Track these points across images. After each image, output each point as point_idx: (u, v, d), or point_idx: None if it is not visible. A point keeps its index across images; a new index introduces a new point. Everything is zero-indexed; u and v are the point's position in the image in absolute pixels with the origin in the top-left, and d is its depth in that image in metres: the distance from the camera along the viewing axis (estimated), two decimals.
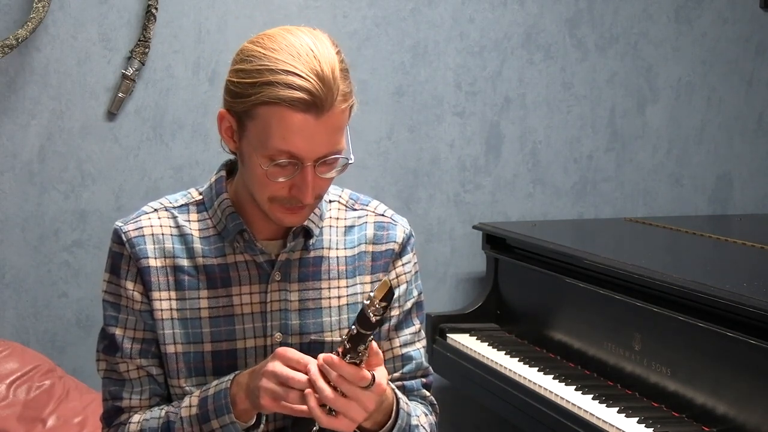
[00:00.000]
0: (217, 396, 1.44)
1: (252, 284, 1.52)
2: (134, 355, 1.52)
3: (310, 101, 1.35)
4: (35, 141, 2.77)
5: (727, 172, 3.58)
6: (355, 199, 1.63)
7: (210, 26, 2.88)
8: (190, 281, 1.51)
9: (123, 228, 1.53)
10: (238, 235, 1.51)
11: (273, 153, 1.38)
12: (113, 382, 1.54)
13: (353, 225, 1.59)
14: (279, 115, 1.36)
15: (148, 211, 1.55)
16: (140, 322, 1.52)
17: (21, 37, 2.61)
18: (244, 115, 1.40)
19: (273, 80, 1.35)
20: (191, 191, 1.59)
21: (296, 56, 1.36)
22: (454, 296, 3.26)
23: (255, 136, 1.40)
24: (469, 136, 3.23)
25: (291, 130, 1.36)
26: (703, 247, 2.77)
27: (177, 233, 1.53)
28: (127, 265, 1.52)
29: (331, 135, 1.39)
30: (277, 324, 1.51)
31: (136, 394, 1.52)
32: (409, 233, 1.63)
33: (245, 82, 1.38)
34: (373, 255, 1.58)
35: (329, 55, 1.39)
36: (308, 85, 1.35)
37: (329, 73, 1.36)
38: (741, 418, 1.99)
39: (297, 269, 1.53)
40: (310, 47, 1.38)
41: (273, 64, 1.36)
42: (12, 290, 2.79)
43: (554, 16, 3.27)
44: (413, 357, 1.60)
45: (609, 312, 2.39)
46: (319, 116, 1.36)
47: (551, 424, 2.29)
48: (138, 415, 1.51)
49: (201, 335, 1.50)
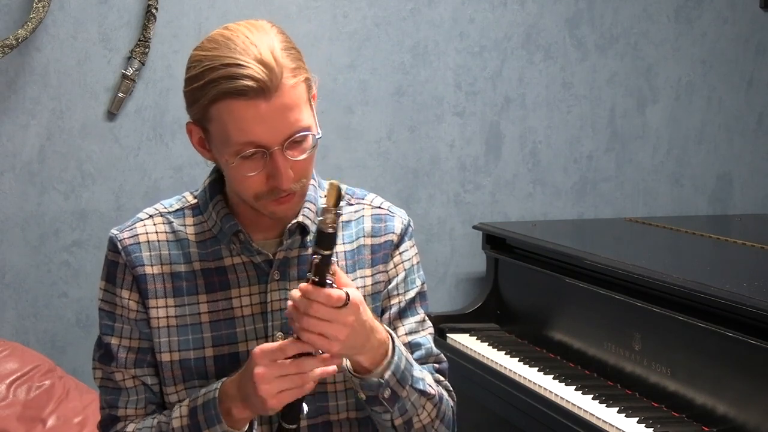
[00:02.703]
0: (206, 406, 1.43)
1: (251, 285, 1.51)
2: (129, 365, 1.51)
3: (255, 87, 1.35)
4: (35, 141, 2.77)
5: (727, 172, 3.58)
6: (351, 193, 1.62)
7: (210, 26, 2.87)
8: (189, 287, 1.51)
9: (118, 236, 1.53)
10: (234, 236, 1.50)
11: (237, 147, 1.39)
12: (109, 390, 1.53)
13: (350, 219, 1.59)
14: (229, 108, 1.37)
15: (143, 218, 1.55)
16: (135, 331, 1.51)
17: (21, 37, 2.61)
18: (203, 120, 1.42)
19: (216, 77, 1.37)
20: (186, 195, 1.58)
21: (233, 49, 1.38)
22: (454, 296, 3.26)
23: (217, 137, 1.41)
24: (469, 136, 3.23)
25: (245, 120, 1.37)
26: (703, 247, 2.77)
27: (173, 239, 1.53)
28: (123, 274, 1.51)
29: (287, 114, 1.38)
30: (278, 323, 1.51)
31: (131, 403, 1.52)
32: (407, 223, 1.62)
33: (194, 88, 1.40)
34: (372, 248, 1.58)
35: (267, 39, 1.40)
36: (249, 71, 1.35)
37: (269, 55, 1.37)
38: (741, 418, 1.99)
39: (296, 267, 1.53)
40: (246, 35, 1.40)
41: (213, 62, 1.38)
42: (12, 290, 2.79)
43: (554, 16, 3.27)
44: (421, 343, 1.59)
45: (609, 312, 2.39)
46: (269, 98, 1.36)
47: (551, 424, 2.29)
48: (133, 424, 1.51)
49: (202, 340, 1.50)
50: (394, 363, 1.45)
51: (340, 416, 1.54)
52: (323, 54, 3.00)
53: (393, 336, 1.47)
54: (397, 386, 1.46)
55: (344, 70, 3.05)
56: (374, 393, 1.45)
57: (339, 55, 3.04)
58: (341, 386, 1.54)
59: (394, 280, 1.58)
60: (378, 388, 1.44)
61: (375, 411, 1.49)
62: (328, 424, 1.53)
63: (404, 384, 1.47)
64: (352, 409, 1.55)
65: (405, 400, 1.48)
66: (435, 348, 1.62)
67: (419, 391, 1.50)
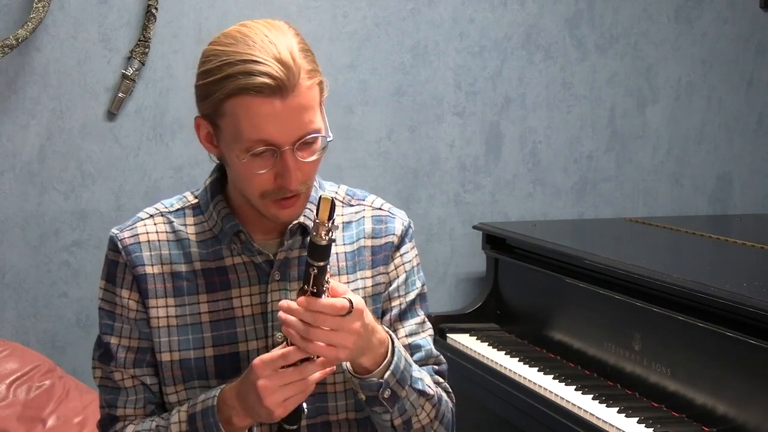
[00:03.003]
0: (205, 414, 1.43)
1: (252, 285, 1.51)
2: (128, 364, 1.51)
3: (273, 85, 1.35)
4: (35, 141, 2.77)
5: (727, 172, 3.58)
6: (352, 195, 1.62)
7: (210, 26, 2.88)
8: (189, 286, 1.51)
9: (119, 235, 1.53)
10: (234, 236, 1.50)
11: (248, 144, 1.38)
12: (109, 390, 1.53)
13: (351, 221, 1.59)
14: (245, 104, 1.36)
15: (144, 218, 1.55)
16: (135, 331, 1.51)
17: (21, 37, 2.61)
18: (215, 115, 1.41)
19: (233, 72, 1.36)
20: (187, 195, 1.58)
21: (252, 45, 1.37)
22: (454, 296, 3.26)
23: (229, 133, 1.40)
24: (469, 136, 3.23)
25: (260, 117, 1.36)
26: (703, 247, 2.77)
27: (174, 238, 1.53)
28: (123, 273, 1.51)
29: (301, 115, 1.38)
30: (278, 324, 1.49)
31: (130, 403, 1.52)
32: (408, 225, 1.62)
33: (209, 82, 1.39)
34: (372, 249, 1.57)
35: (285, 38, 1.39)
36: (268, 69, 1.35)
37: (287, 54, 1.37)
38: (741, 418, 1.99)
39: (296, 268, 1.52)
40: (265, 34, 1.39)
41: (231, 57, 1.37)
42: (12, 290, 2.79)
43: (554, 16, 3.27)
44: (421, 345, 1.59)
45: (609, 312, 2.39)
46: (285, 98, 1.36)
47: (551, 424, 2.29)
48: (132, 426, 1.51)
49: (202, 340, 1.50)
50: (393, 363, 1.45)
51: (340, 416, 1.54)
52: (323, 54, 2.99)
53: (392, 336, 1.47)
54: (397, 386, 1.46)
55: (344, 70, 3.05)
56: (374, 393, 1.45)
57: (339, 55, 3.04)
58: (341, 387, 1.54)
59: (394, 282, 1.58)
60: (378, 389, 1.44)
61: (375, 411, 1.49)
62: (327, 424, 1.53)
63: (404, 384, 1.47)
64: (352, 410, 1.55)
65: (404, 400, 1.48)
66: (435, 350, 1.62)
67: (418, 391, 1.50)
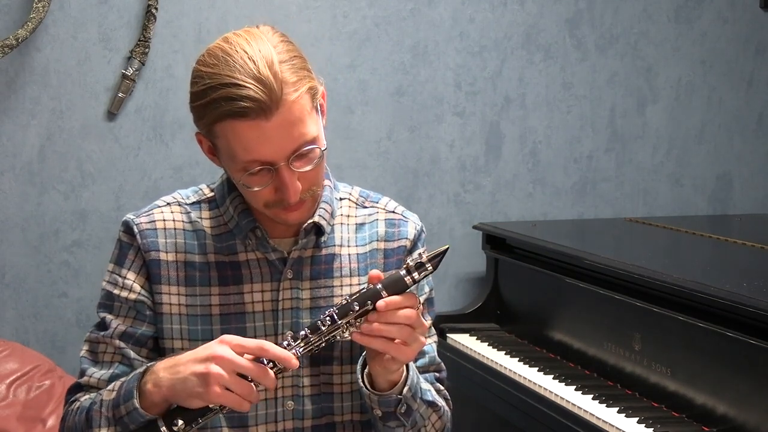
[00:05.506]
0: (130, 380, 1.41)
1: (264, 282, 1.52)
2: (115, 336, 1.50)
3: (255, 107, 1.34)
4: (35, 141, 2.77)
5: (727, 172, 3.58)
6: (365, 196, 1.63)
7: (210, 26, 2.88)
8: (201, 277, 1.51)
9: (135, 220, 1.53)
10: (250, 232, 1.51)
11: (243, 165, 1.40)
12: (86, 361, 1.52)
13: (364, 222, 1.59)
14: (232, 129, 1.37)
15: (161, 205, 1.56)
16: (132, 311, 1.51)
17: (21, 37, 2.61)
18: (210, 135, 1.42)
19: (216, 97, 1.36)
20: (202, 188, 1.59)
21: (232, 66, 1.36)
22: (454, 296, 3.26)
23: (224, 153, 1.42)
24: (469, 136, 3.23)
25: (249, 140, 1.37)
26: (703, 247, 2.77)
27: (190, 228, 1.53)
28: (134, 256, 1.52)
29: (290, 130, 1.38)
30: (288, 322, 1.51)
31: (98, 375, 1.49)
32: (420, 229, 1.62)
33: (198, 105, 1.40)
34: (385, 252, 1.58)
35: (265, 52, 1.37)
36: (248, 92, 1.34)
37: (267, 72, 1.35)
38: (741, 418, 1.99)
39: (309, 267, 1.53)
40: (245, 50, 1.37)
41: (213, 81, 1.37)
42: (12, 290, 2.79)
43: (554, 16, 3.27)
44: (426, 351, 1.59)
45: (609, 312, 2.39)
46: (270, 117, 1.35)
47: (551, 424, 2.29)
48: (88, 395, 1.49)
49: (211, 332, 1.50)
50: (410, 377, 1.46)
51: (344, 418, 1.54)
52: (323, 54, 3.00)
53: None
54: (411, 400, 1.47)
55: (344, 70, 3.05)
56: (391, 409, 1.45)
57: (339, 55, 3.04)
58: (347, 387, 1.54)
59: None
60: (396, 405, 1.45)
61: (388, 426, 1.48)
62: (332, 425, 1.54)
63: (416, 397, 1.48)
64: (357, 411, 1.55)
65: (415, 413, 1.49)
66: (437, 357, 1.63)
67: (427, 402, 1.51)
